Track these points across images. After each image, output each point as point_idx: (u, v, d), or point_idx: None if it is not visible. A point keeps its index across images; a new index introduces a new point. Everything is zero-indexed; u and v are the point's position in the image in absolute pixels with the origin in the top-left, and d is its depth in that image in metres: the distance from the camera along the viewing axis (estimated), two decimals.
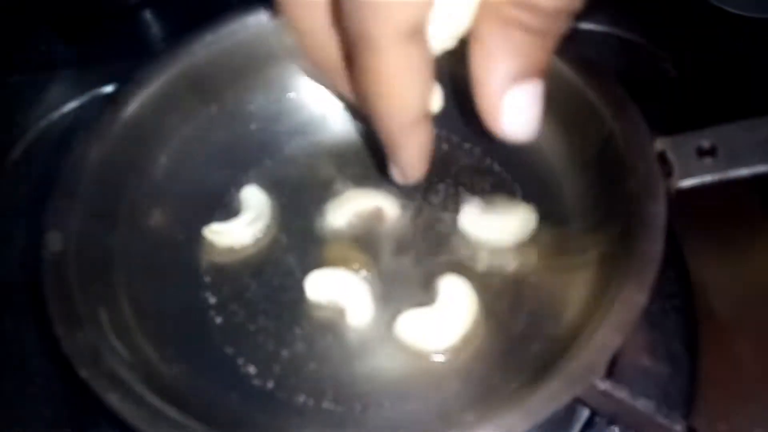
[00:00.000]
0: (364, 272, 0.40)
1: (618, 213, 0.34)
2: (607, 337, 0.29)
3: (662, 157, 0.34)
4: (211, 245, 0.42)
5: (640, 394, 0.33)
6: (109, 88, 0.53)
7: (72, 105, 0.55)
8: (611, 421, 0.38)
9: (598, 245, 0.35)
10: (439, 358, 0.37)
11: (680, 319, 0.40)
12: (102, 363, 0.30)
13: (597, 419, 0.38)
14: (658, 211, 0.31)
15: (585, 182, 0.38)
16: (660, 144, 0.34)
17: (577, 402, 0.37)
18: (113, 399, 0.29)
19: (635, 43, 0.55)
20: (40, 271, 0.34)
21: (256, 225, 0.43)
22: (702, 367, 0.39)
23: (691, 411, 0.37)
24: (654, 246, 0.30)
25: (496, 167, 0.44)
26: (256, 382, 0.37)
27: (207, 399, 0.34)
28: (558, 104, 0.40)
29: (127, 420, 0.28)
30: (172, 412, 0.29)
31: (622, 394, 0.33)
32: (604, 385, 0.33)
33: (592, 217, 0.37)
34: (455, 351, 0.37)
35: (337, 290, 0.39)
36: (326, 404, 0.36)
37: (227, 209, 0.44)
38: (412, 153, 0.29)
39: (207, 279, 0.41)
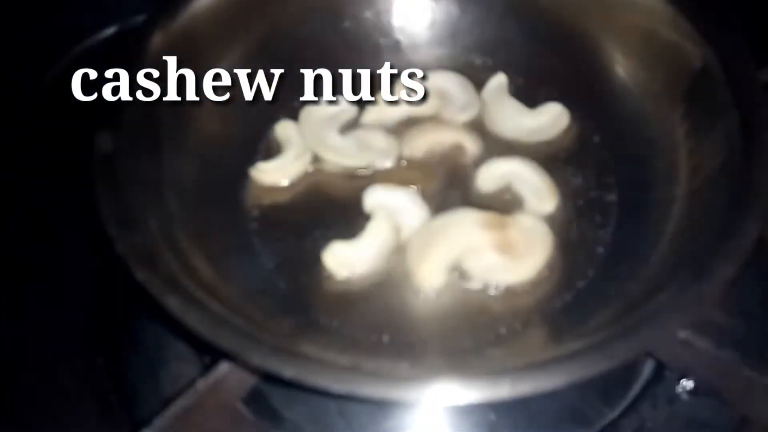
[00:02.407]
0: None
1: (716, 145, 0.31)
2: (722, 268, 0.26)
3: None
4: (259, 184, 0.40)
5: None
6: None
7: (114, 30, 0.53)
8: (682, 375, 0.35)
9: (689, 179, 0.33)
10: (510, 295, 0.35)
11: (754, 275, 0.38)
12: (158, 265, 0.28)
13: (667, 374, 0.36)
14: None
15: (674, 118, 0.35)
16: (766, 74, 0.32)
17: (647, 355, 0.35)
18: (172, 302, 0.26)
19: None
20: (91, 173, 0.31)
21: (303, 159, 0.40)
22: None
23: None
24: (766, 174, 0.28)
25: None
26: (313, 314, 0.35)
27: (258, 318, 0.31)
28: (640, 37, 0.38)
29: (187, 324, 0.26)
30: (237, 319, 0.27)
31: (705, 344, 0.31)
32: (684, 334, 0.30)
33: (681, 151, 0.34)
34: (528, 288, 0.35)
35: (393, 204, 0.38)
36: (383, 338, 0.34)
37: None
38: None
39: (255, 212, 0.39)
